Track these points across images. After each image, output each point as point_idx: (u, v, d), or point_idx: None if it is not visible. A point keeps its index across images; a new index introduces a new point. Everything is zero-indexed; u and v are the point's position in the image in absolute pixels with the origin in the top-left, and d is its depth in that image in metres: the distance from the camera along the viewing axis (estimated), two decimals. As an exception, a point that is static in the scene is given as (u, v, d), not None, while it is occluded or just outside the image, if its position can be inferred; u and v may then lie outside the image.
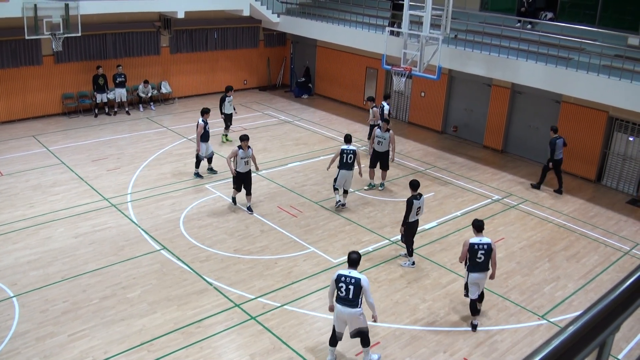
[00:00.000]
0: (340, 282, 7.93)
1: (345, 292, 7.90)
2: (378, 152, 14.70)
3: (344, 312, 7.99)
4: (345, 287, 7.89)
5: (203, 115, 14.95)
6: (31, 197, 13.67)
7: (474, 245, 9.10)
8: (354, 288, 7.84)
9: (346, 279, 7.89)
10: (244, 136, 12.97)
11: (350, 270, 7.98)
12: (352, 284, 7.84)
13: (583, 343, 1.45)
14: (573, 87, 14.90)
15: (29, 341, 8.65)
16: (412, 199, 10.84)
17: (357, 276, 7.88)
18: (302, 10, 23.43)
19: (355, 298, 7.89)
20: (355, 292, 7.85)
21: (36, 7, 17.03)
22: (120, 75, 20.17)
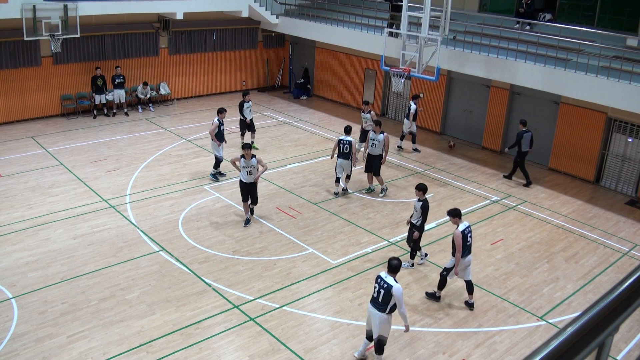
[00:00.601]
0: (376, 282, 8.03)
1: (377, 294, 7.98)
2: (371, 156, 14.47)
3: (372, 313, 8.09)
4: (378, 289, 7.97)
5: (219, 115, 14.86)
6: (30, 198, 13.66)
7: (463, 231, 9.50)
8: (384, 293, 7.87)
9: (381, 282, 7.95)
10: (246, 145, 12.67)
11: (388, 275, 7.98)
12: (384, 289, 7.87)
13: (582, 344, 1.45)
14: (572, 88, 14.91)
15: (27, 342, 8.64)
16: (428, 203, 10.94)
17: (390, 283, 7.86)
18: (300, 11, 23.44)
19: (384, 303, 7.91)
20: (384, 297, 7.87)
21: (35, 8, 17.04)
22: (118, 76, 20.17)
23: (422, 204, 10.84)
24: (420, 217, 10.91)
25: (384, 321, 7.99)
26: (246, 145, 12.65)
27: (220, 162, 15.07)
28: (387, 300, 7.85)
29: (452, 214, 9.77)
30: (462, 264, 9.68)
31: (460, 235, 9.46)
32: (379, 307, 7.94)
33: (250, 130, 17.36)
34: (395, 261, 8.03)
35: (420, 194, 10.89)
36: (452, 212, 9.77)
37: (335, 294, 10.32)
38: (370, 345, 8.49)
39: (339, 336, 9.15)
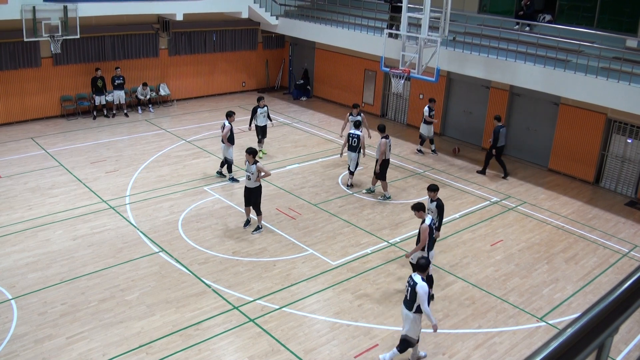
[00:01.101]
0: (407, 282, 8.32)
1: (406, 292, 8.25)
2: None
3: (402, 312, 8.30)
4: (407, 288, 8.25)
5: (228, 118, 14.80)
6: (30, 199, 13.65)
7: (430, 225, 9.74)
8: (411, 291, 8.09)
9: (410, 281, 8.19)
10: (249, 149, 12.20)
11: (416, 274, 8.17)
12: (411, 287, 8.11)
13: (582, 345, 1.45)
14: (571, 89, 14.92)
15: (27, 343, 8.63)
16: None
17: (416, 281, 8.05)
18: (300, 12, 23.46)
19: (411, 301, 8.08)
20: (411, 295, 8.07)
21: (35, 9, 17.03)
22: (118, 77, 20.17)
23: (436, 204, 10.86)
24: (438, 217, 10.92)
25: (411, 320, 8.15)
26: (250, 150, 12.18)
27: (231, 164, 15.06)
28: (414, 298, 8.03)
29: (416, 208, 9.91)
30: (431, 256, 9.87)
31: (427, 229, 9.64)
32: (408, 305, 8.17)
33: (263, 136, 16.96)
34: (423, 260, 8.28)
35: (432, 195, 10.91)
36: (417, 207, 9.91)
37: (335, 295, 10.32)
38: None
39: (339, 337, 9.14)
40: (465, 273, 11.30)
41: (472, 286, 10.85)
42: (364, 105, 22.74)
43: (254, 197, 12.33)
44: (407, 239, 12.55)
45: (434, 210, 10.87)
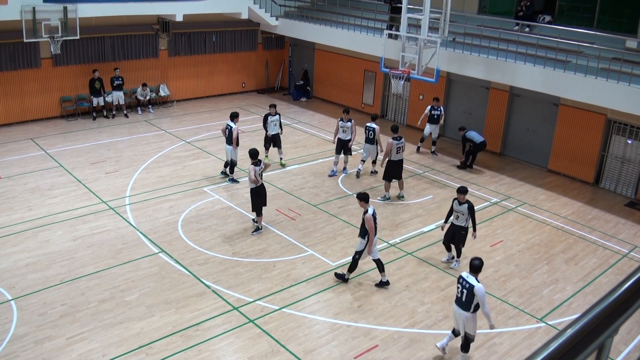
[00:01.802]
0: (459, 282, 8.32)
1: (460, 294, 8.27)
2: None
3: (457, 312, 8.36)
4: (461, 289, 8.24)
5: (233, 120, 14.77)
6: (29, 199, 13.65)
7: (373, 215, 10.11)
8: (467, 293, 8.13)
9: (463, 282, 8.22)
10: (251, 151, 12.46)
11: (470, 275, 8.22)
12: (466, 289, 8.14)
13: (581, 346, 1.45)
14: (571, 90, 14.93)
15: (27, 344, 8.63)
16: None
17: (472, 283, 8.10)
18: (300, 13, 23.47)
19: (468, 303, 8.16)
20: (467, 296, 8.13)
21: (35, 10, 17.03)
22: (117, 78, 20.17)
23: (467, 206, 10.90)
24: (468, 219, 10.97)
25: (469, 320, 8.25)
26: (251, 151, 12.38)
27: (235, 165, 15.07)
28: (470, 299, 8.11)
29: (361, 198, 10.24)
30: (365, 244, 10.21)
31: (372, 219, 9.98)
32: (464, 306, 8.22)
33: (277, 146, 16.20)
34: (477, 261, 8.28)
35: (462, 197, 10.94)
36: (361, 196, 10.24)
37: (335, 296, 10.32)
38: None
39: (339, 338, 9.14)
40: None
41: (472, 287, 10.83)
42: (364, 106, 22.76)
43: (251, 198, 12.40)
44: (407, 239, 12.55)
45: (464, 213, 10.92)
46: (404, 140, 14.44)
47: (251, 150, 12.43)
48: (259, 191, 12.33)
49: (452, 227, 11.17)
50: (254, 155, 12.33)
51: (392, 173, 14.38)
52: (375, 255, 10.49)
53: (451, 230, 11.21)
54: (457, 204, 10.97)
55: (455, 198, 11.05)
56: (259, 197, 12.34)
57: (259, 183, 12.24)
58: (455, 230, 11.12)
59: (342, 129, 15.69)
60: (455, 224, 11.10)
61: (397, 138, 14.21)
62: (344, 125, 15.69)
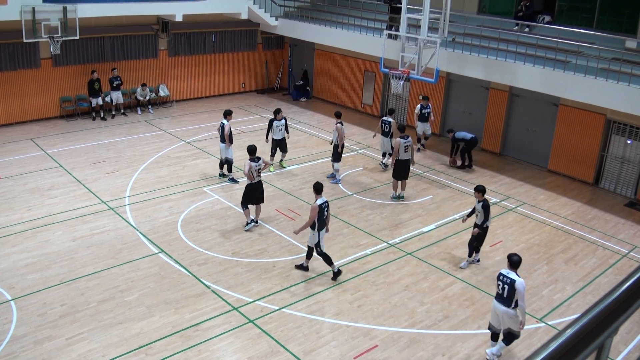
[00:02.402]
0: (499, 279, 8.45)
1: (501, 290, 8.40)
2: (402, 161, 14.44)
3: (498, 309, 8.44)
4: (502, 286, 8.39)
5: (226, 117, 14.79)
6: (29, 200, 13.65)
7: (321, 206, 10.37)
8: (508, 288, 8.28)
9: (504, 278, 8.38)
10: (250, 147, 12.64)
11: (510, 271, 8.38)
12: (507, 284, 8.30)
13: (581, 346, 1.45)
14: (571, 90, 14.93)
15: (26, 345, 8.63)
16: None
17: (513, 278, 8.28)
18: (300, 13, 23.47)
19: (509, 298, 8.29)
20: (509, 292, 8.28)
21: (34, 10, 17.02)
22: (116, 78, 20.18)
23: (482, 204, 10.98)
24: (483, 218, 11.01)
25: (512, 315, 8.35)
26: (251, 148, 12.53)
27: (231, 164, 15.04)
28: (511, 295, 8.24)
29: (315, 188, 10.62)
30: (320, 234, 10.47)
31: (316, 209, 10.28)
32: (506, 302, 8.34)
33: (282, 150, 16.13)
34: (516, 257, 8.44)
35: (479, 195, 11.01)
36: (315, 187, 10.62)
37: (335, 296, 10.32)
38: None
39: (338, 338, 9.14)
40: (465, 274, 11.30)
41: (472, 287, 10.85)
42: (364, 106, 22.76)
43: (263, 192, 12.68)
44: (407, 240, 12.55)
45: (480, 211, 11.00)
46: (410, 139, 14.52)
47: (250, 147, 12.60)
48: (255, 188, 12.42)
49: (474, 225, 11.30)
50: (252, 151, 12.47)
51: (400, 172, 14.45)
52: (311, 243, 10.73)
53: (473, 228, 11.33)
54: (476, 202, 11.12)
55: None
56: (251, 194, 12.43)
57: (254, 180, 12.32)
58: (474, 227, 11.25)
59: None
60: (476, 222, 11.24)
61: (405, 137, 14.34)
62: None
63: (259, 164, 12.40)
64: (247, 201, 12.50)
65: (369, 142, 19.09)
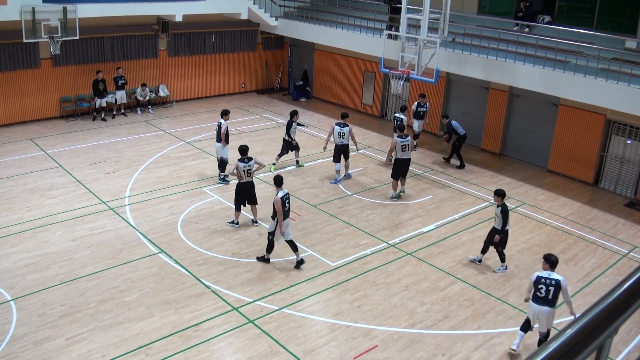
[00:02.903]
0: (539, 283, 8.49)
1: (545, 293, 8.45)
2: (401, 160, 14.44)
3: (543, 311, 8.49)
4: (546, 289, 8.44)
5: (223, 117, 14.76)
6: (29, 200, 13.65)
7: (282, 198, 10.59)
8: (554, 289, 8.40)
9: (546, 281, 8.46)
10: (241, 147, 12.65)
11: (550, 272, 8.51)
12: (553, 285, 8.41)
13: (581, 346, 1.45)
14: (571, 90, 14.93)
15: (26, 345, 8.63)
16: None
17: (557, 278, 8.45)
18: (300, 13, 23.47)
19: (555, 298, 8.42)
20: (554, 293, 8.42)
21: (34, 10, 17.02)
22: (120, 77, 20.19)
23: (501, 209, 10.94)
24: (502, 222, 10.97)
25: (553, 315, 8.52)
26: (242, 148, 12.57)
27: (226, 164, 15.03)
28: (556, 295, 8.42)
29: (275, 181, 10.91)
30: (283, 224, 10.64)
31: (279, 201, 10.53)
32: (550, 303, 8.45)
33: (295, 149, 16.29)
34: (554, 257, 8.64)
35: (498, 200, 10.99)
36: (276, 180, 10.90)
37: (335, 296, 10.32)
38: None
39: (338, 338, 9.14)
40: (465, 274, 11.30)
41: (472, 287, 10.85)
42: (364, 106, 22.76)
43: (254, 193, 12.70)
44: (407, 240, 12.55)
45: (499, 215, 10.96)
46: (409, 139, 14.53)
47: (241, 147, 12.60)
48: (244, 188, 12.49)
49: (493, 229, 11.25)
50: (243, 151, 12.49)
51: (398, 171, 14.47)
52: (288, 237, 10.88)
53: (492, 233, 11.25)
54: (496, 206, 11.11)
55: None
56: (241, 193, 12.53)
57: (242, 179, 12.37)
58: (495, 232, 11.17)
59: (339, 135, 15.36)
60: (494, 225, 11.21)
61: (403, 136, 14.36)
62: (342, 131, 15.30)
63: (249, 164, 12.36)
64: (239, 201, 12.60)
65: (368, 142, 19.10)
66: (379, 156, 17.79)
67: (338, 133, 15.25)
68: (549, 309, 8.46)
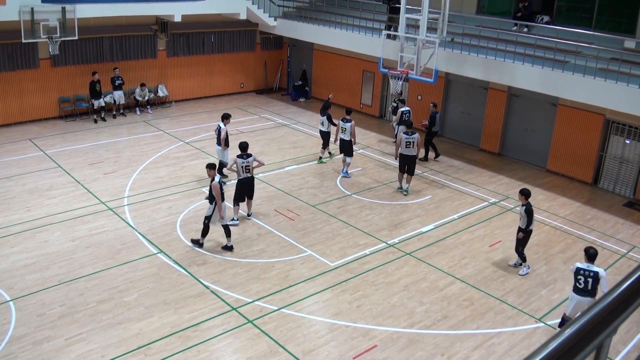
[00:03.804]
0: (579, 274, 8.82)
1: (584, 284, 8.78)
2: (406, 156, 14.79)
3: (584, 302, 8.71)
4: (584, 280, 8.77)
5: (224, 121, 14.78)
6: (28, 200, 13.63)
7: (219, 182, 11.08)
8: (592, 280, 8.71)
9: (586, 272, 8.78)
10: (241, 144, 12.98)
11: (589, 264, 8.81)
12: (591, 277, 8.72)
13: (580, 346, 1.45)
14: (570, 90, 14.94)
15: (25, 345, 8.62)
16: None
17: (595, 270, 8.75)
18: (298, 13, 23.46)
19: (593, 289, 8.65)
20: (593, 284, 8.71)
21: (33, 11, 17.01)
22: (118, 77, 20.18)
23: (525, 208, 10.98)
24: (527, 221, 11.00)
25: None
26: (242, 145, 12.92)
27: (224, 166, 15.05)
28: (595, 285, 8.70)
29: (209, 167, 11.46)
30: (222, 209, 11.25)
31: (218, 186, 11.06)
32: (591, 293, 8.69)
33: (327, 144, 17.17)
34: (593, 250, 8.92)
35: (523, 199, 11.05)
36: (209, 165, 11.47)
37: (334, 296, 10.32)
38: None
39: (338, 338, 9.14)
40: (464, 274, 11.31)
41: (471, 287, 10.85)
42: (363, 106, 22.76)
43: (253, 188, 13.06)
44: (406, 240, 12.55)
45: (523, 215, 10.99)
46: (416, 136, 14.68)
47: (241, 143, 12.93)
48: (243, 183, 12.78)
49: (518, 229, 11.30)
50: (243, 148, 12.77)
51: (402, 165, 14.84)
52: (225, 221, 11.43)
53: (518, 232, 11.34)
54: (520, 205, 11.19)
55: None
56: (240, 189, 12.84)
57: (241, 176, 12.67)
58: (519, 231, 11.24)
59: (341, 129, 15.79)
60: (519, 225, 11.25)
61: (408, 133, 14.68)
62: (344, 125, 15.68)
63: (248, 161, 12.62)
64: (238, 198, 12.93)
65: (368, 142, 19.11)
66: (378, 156, 17.80)
67: (341, 128, 15.64)
68: (591, 299, 8.68)
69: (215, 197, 11.14)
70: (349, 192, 14.94)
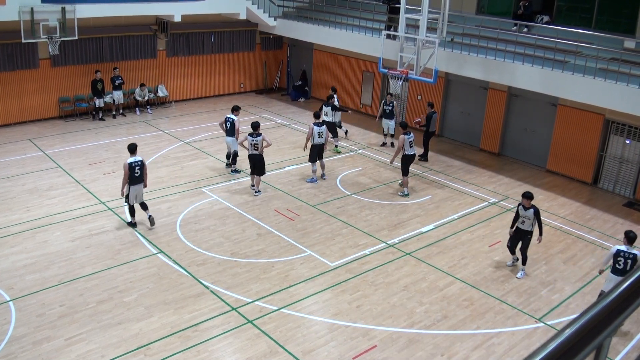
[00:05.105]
0: (619, 256, 9.43)
1: (623, 265, 9.36)
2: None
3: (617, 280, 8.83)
4: (624, 261, 9.36)
5: (234, 112, 15.44)
6: (27, 200, 13.63)
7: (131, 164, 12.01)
8: (631, 262, 9.28)
9: (625, 254, 9.40)
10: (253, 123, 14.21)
11: (629, 247, 9.42)
12: (631, 259, 9.32)
13: (580, 346, 1.45)
14: (569, 90, 14.94)
15: (25, 345, 8.62)
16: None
17: (635, 252, 9.32)
18: (298, 13, 23.46)
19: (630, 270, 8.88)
20: (632, 265, 9.24)
21: (33, 11, 17.01)
22: (118, 77, 20.18)
23: (533, 210, 10.88)
24: (534, 224, 10.95)
25: None
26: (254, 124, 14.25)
27: (237, 156, 15.75)
28: (633, 267, 9.16)
29: (129, 149, 12.22)
30: (133, 190, 12.07)
31: (127, 166, 11.90)
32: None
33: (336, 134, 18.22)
34: (632, 233, 9.59)
35: (527, 202, 10.93)
36: (129, 148, 12.22)
37: (334, 296, 10.32)
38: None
39: (337, 338, 9.14)
40: (464, 274, 11.30)
41: (471, 287, 10.85)
42: (362, 106, 22.77)
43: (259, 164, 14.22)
44: (406, 240, 12.55)
45: (530, 217, 10.88)
46: (412, 135, 14.86)
47: (253, 123, 14.34)
48: (252, 158, 14.18)
49: (519, 231, 11.14)
50: (255, 127, 14.19)
51: (408, 167, 14.87)
52: (133, 201, 12.31)
53: (518, 235, 11.18)
54: (523, 209, 10.97)
55: (520, 203, 11.05)
56: (250, 162, 14.29)
57: (250, 152, 14.03)
58: (522, 235, 11.10)
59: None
60: (521, 228, 11.07)
61: (407, 133, 14.73)
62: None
63: (257, 139, 13.95)
64: (251, 168, 14.47)
65: (368, 142, 19.11)
66: (378, 156, 17.80)
67: (317, 133, 15.17)
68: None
69: (123, 176, 12.02)
70: (349, 192, 14.94)
